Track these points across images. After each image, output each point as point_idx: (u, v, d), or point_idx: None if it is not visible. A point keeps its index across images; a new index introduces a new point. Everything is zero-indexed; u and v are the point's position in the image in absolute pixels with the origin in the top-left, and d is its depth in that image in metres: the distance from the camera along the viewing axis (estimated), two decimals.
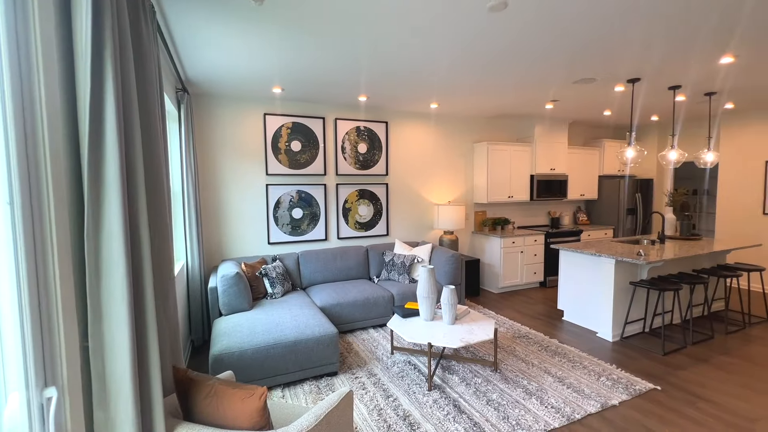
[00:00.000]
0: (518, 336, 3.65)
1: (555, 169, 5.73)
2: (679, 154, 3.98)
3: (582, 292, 3.92)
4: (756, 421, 2.33)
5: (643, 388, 2.69)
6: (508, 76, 3.45)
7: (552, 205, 6.26)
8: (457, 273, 4.23)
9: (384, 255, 4.47)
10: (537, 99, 4.38)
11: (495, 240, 5.14)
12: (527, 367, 3.01)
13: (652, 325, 3.84)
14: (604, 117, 5.59)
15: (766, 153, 5.09)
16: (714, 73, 3.44)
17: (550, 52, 2.85)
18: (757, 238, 5.19)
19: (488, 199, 5.30)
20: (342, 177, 4.66)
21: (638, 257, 3.37)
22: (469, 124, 5.49)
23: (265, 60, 2.93)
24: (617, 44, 2.72)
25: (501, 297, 5.02)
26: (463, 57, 2.93)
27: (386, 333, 3.74)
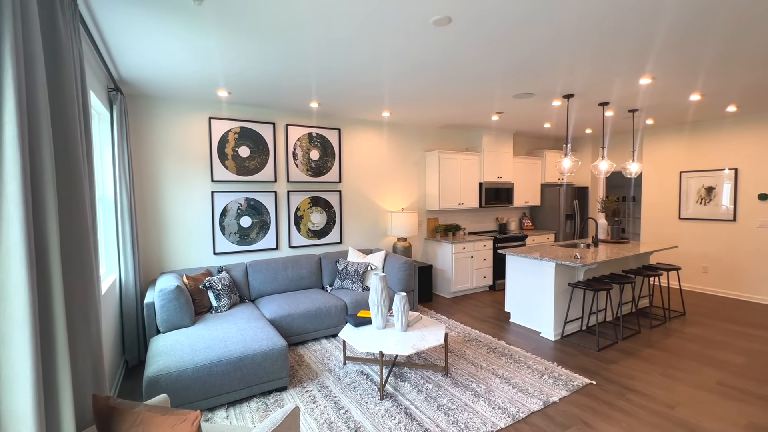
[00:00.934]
0: (468, 339, 3.75)
1: (502, 178, 6.01)
2: (608, 165, 4.35)
3: (526, 294, 4.13)
4: (674, 407, 2.57)
5: (581, 383, 2.87)
6: (455, 88, 3.58)
7: (500, 212, 6.56)
8: (410, 279, 4.28)
9: (337, 263, 4.42)
10: (483, 111, 4.59)
11: (447, 246, 5.28)
12: (476, 369, 3.10)
13: (589, 323, 4.13)
14: (545, 129, 5.98)
15: (680, 165, 5.71)
16: (635, 92, 3.81)
17: (492, 67, 3.00)
18: (675, 240, 5.79)
19: (440, 206, 5.44)
20: (294, 184, 4.56)
21: (575, 260, 3.62)
22: (421, 133, 5.62)
23: (208, 62, 2.80)
24: (550, 64, 2.92)
25: (453, 301, 5.14)
26: (412, 69, 3.00)
27: (339, 343, 3.67)
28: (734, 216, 5.16)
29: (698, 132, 5.49)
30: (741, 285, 5.14)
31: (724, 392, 2.76)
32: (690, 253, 5.64)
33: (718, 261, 5.34)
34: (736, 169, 5.15)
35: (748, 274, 5.08)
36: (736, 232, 5.16)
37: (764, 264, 4.93)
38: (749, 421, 2.41)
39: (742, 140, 5.09)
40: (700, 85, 3.57)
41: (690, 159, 5.60)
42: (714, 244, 5.38)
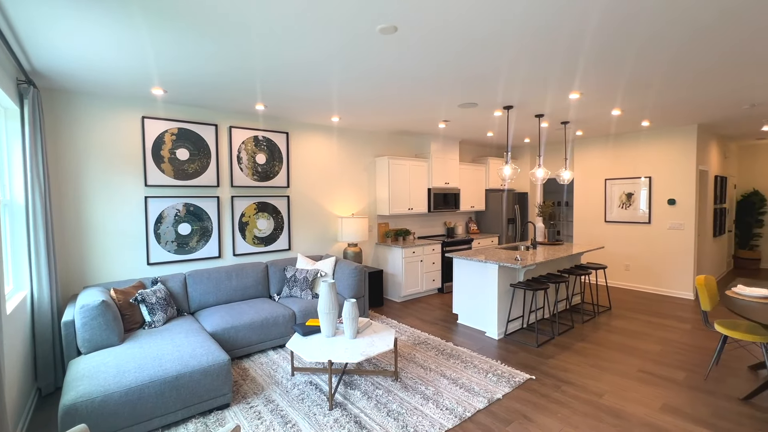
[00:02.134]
0: (418, 342, 3.80)
1: (449, 183, 6.22)
2: (544, 172, 4.67)
3: (472, 295, 4.29)
4: (602, 396, 2.80)
5: (522, 379, 3.03)
6: (403, 96, 3.65)
7: (447, 216, 6.78)
8: (360, 285, 4.26)
9: (286, 271, 4.28)
10: (431, 118, 4.72)
11: (397, 250, 5.34)
12: (425, 372, 3.15)
13: (529, 321, 4.38)
14: (488, 137, 6.30)
15: (605, 172, 6.30)
16: (566, 106, 4.14)
17: (438, 77, 3.10)
18: (602, 241, 6.36)
19: (390, 211, 5.49)
20: (238, 189, 4.35)
21: (516, 262, 3.83)
22: (372, 139, 5.65)
23: (139, 56, 2.59)
24: (491, 77, 3.08)
25: (403, 305, 5.20)
26: (360, 75, 3.01)
27: (287, 354, 3.55)
28: (649, 219, 5.79)
29: (620, 143, 6.10)
30: (657, 281, 5.76)
31: (644, 378, 3.06)
32: (614, 252, 6.21)
33: (638, 259, 5.94)
34: (650, 177, 5.78)
35: (662, 271, 5.70)
36: (651, 233, 5.78)
37: (674, 262, 5.57)
38: (663, 403, 2.69)
39: (654, 151, 5.73)
40: (619, 101, 3.97)
41: (613, 167, 6.19)
42: (634, 244, 5.98)
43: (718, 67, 2.96)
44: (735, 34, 2.35)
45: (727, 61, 2.81)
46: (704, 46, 2.53)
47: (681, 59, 2.76)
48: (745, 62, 2.84)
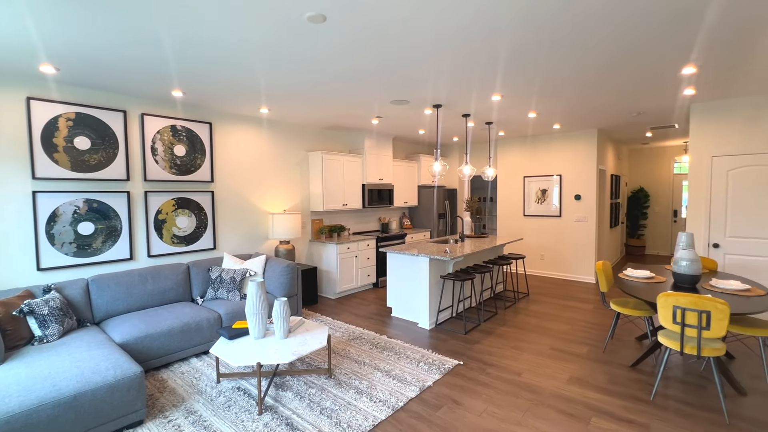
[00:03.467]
0: (353, 338, 3.80)
1: (383, 179, 6.30)
2: (471, 169, 4.95)
3: (405, 288, 4.40)
4: (521, 374, 3.06)
5: (451, 365, 3.18)
6: (335, 89, 3.59)
7: (382, 212, 6.87)
8: (293, 283, 4.13)
9: (210, 271, 3.99)
10: (364, 114, 4.72)
11: (331, 247, 5.27)
12: (359, 367, 3.16)
13: (458, 310, 4.62)
14: (420, 135, 6.49)
15: (523, 170, 6.87)
16: (490, 107, 4.42)
17: (369, 71, 3.10)
18: (521, 233, 6.94)
19: (324, 207, 5.40)
20: (153, 183, 3.94)
21: (445, 255, 4.01)
22: (304, 133, 5.49)
23: (14, 23, 2.20)
24: (420, 75, 3.17)
25: (338, 302, 5.16)
26: (289, 64, 2.89)
27: (212, 360, 3.31)
28: (560, 213, 6.45)
29: (536, 143, 6.69)
30: (566, 267, 6.45)
31: (555, 355, 3.41)
32: (532, 243, 6.82)
33: (551, 249, 6.59)
34: (560, 175, 6.43)
35: (570, 259, 6.40)
36: (562, 226, 6.45)
37: (580, 250, 6.28)
38: (570, 375, 3.02)
39: (564, 151, 6.39)
40: (534, 105, 4.35)
41: (530, 166, 6.78)
42: (547, 236, 6.62)
43: (611, 80, 3.37)
44: (622, 54, 2.70)
45: (617, 74, 3.21)
46: (599, 61, 2.87)
47: (581, 71, 3.10)
48: (630, 76, 3.28)
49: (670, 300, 2.55)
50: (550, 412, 2.53)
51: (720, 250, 4.30)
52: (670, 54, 2.78)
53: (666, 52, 2.73)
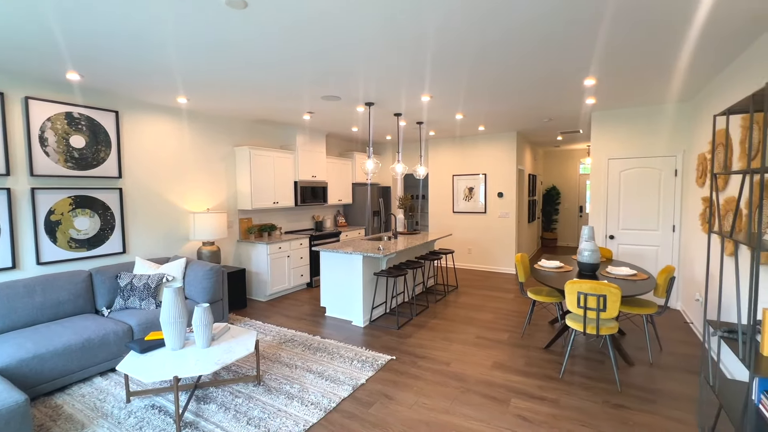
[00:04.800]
0: (284, 341, 3.67)
1: (316, 177, 6.17)
2: (403, 168, 5.05)
3: (339, 287, 4.36)
4: (450, 364, 3.21)
5: (384, 361, 3.23)
6: (260, 81, 3.41)
7: (316, 210, 6.73)
8: (217, 287, 3.86)
9: (119, 278, 3.56)
10: (295, 109, 4.57)
11: (262, 247, 5.03)
12: (291, 370, 3.06)
13: (391, 306, 4.70)
14: (354, 132, 6.47)
15: (452, 169, 7.20)
16: (420, 107, 4.55)
17: (296, 64, 2.99)
18: (451, 230, 7.28)
19: (253, 205, 5.13)
20: (43, 179, 3.40)
21: (379, 252, 4.04)
22: (230, 127, 5.15)
23: None
24: (349, 72, 3.14)
25: (269, 304, 4.95)
26: (208, 51, 2.68)
27: (121, 378, 2.96)
28: (485, 209, 6.89)
29: (463, 143, 7.06)
30: (491, 260, 6.92)
31: (480, 343, 3.63)
32: (460, 238, 7.20)
33: (477, 244, 7.02)
34: (485, 173, 6.87)
35: (494, 252, 6.87)
36: (487, 221, 6.90)
37: (503, 244, 6.77)
38: (494, 361, 3.25)
39: (488, 152, 6.83)
40: (461, 107, 4.57)
41: (459, 165, 7.14)
42: (474, 231, 7.04)
43: (526, 88, 3.67)
44: (535, 65, 2.95)
45: (531, 83, 3.50)
46: (515, 71, 3.10)
47: (501, 79, 3.32)
48: (542, 85, 3.60)
49: (575, 287, 2.86)
50: (475, 398, 2.68)
51: (615, 240, 4.93)
52: (574, 67, 3.09)
53: (571, 66, 3.03)
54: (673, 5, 2.08)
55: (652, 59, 2.95)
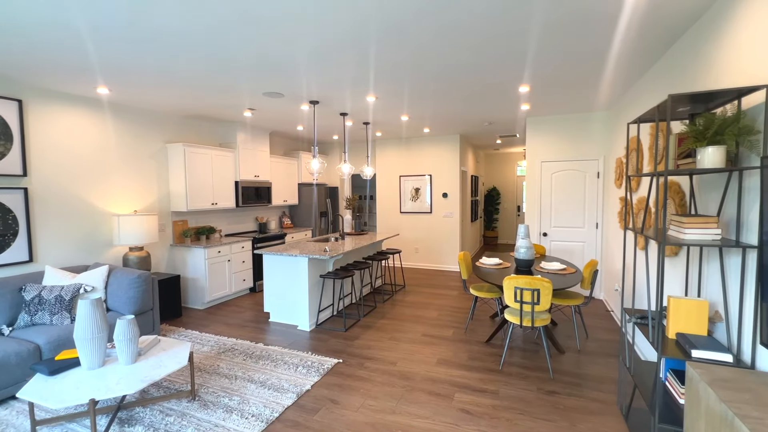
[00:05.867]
0: (224, 351, 3.46)
1: (259, 176, 5.91)
2: (350, 168, 5.01)
3: (284, 291, 4.21)
4: (396, 363, 3.23)
5: (330, 365, 3.16)
6: (191, 73, 3.18)
7: (259, 211, 6.45)
8: (146, 297, 3.53)
9: (24, 291, 3.12)
10: (235, 104, 4.33)
11: (199, 251, 4.70)
12: (230, 382, 2.88)
13: (339, 308, 4.64)
14: (299, 131, 6.30)
15: (399, 170, 7.30)
16: (366, 107, 4.54)
17: (230, 55, 2.83)
18: (398, 229, 7.38)
19: (189, 206, 4.78)
20: None
21: (325, 253, 3.96)
22: (162, 121, 4.75)
23: None
24: (290, 67, 3.04)
25: (208, 312, 4.64)
26: (125, 35, 2.43)
27: (25, 405, 2.59)
28: (431, 209, 7.07)
29: (410, 145, 7.18)
30: (437, 259, 7.11)
31: (426, 341, 3.70)
32: (408, 238, 7.32)
33: (424, 243, 7.18)
34: (431, 174, 7.05)
35: (440, 251, 7.07)
36: (433, 221, 7.08)
37: (447, 242, 6.99)
38: (439, 358, 3.32)
39: (433, 153, 7.01)
40: (406, 109, 4.64)
41: (405, 166, 7.25)
42: (421, 231, 7.19)
43: (467, 93, 3.81)
44: (474, 72, 3.07)
45: (470, 88, 3.65)
46: (455, 76, 3.21)
47: (442, 83, 3.42)
48: (481, 91, 3.77)
49: (512, 282, 3.01)
50: (421, 396, 2.72)
51: (548, 237, 5.30)
52: (510, 75, 3.27)
53: (507, 73, 3.20)
54: (592, 27, 2.27)
55: (577, 71, 3.20)
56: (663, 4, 2.08)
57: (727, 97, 1.76)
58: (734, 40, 1.87)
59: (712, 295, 2.01)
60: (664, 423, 1.77)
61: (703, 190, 2.16)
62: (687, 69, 2.42)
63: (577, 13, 2.18)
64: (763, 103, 1.63)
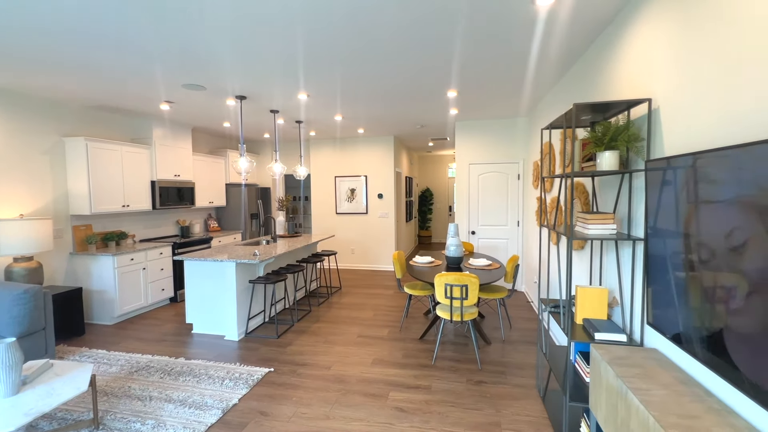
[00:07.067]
0: (137, 370, 3.10)
1: (180, 176, 5.43)
2: (282, 168, 4.82)
3: (209, 299, 3.90)
4: (330, 367, 3.17)
5: (260, 375, 2.99)
6: (89, 56, 2.81)
7: (181, 214, 5.92)
8: (36, 315, 3.03)
9: None
10: (149, 96, 3.91)
11: (106, 259, 4.17)
12: (143, 404, 2.59)
13: (271, 314, 4.43)
14: (226, 128, 5.91)
15: (335, 170, 7.21)
16: (298, 105, 4.40)
17: (147, 42, 2.55)
18: (334, 231, 7.28)
19: (93, 209, 4.21)
20: None
21: (254, 257, 3.75)
22: (58, 112, 4.12)
23: None
24: (212, 60, 2.83)
25: (118, 328, 4.14)
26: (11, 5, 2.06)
27: None
28: (366, 210, 7.09)
29: (345, 145, 7.13)
30: (373, 259, 7.15)
31: (361, 342, 3.69)
32: (343, 239, 7.26)
33: (360, 243, 7.18)
34: (366, 175, 7.07)
35: (376, 251, 7.12)
36: (368, 222, 7.11)
37: (383, 243, 7.07)
38: (374, 358, 3.33)
39: (369, 154, 7.04)
40: (339, 109, 4.59)
41: (341, 166, 7.18)
42: (357, 231, 7.18)
43: (399, 95, 3.88)
44: (405, 75, 3.14)
45: (402, 91, 3.72)
46: (387, 77, 3.24)
47: (374, 83, 3.44)
48: (412, 94, 3.86)
49: (442, 279, 3.12)
50: (356, 398, 2.69)
51: (476, 235, 5.61)
52: (438, 79, 3.39)
53: (436, 77, 3.32)
54: (510, 36, 2.44)
55: (499, 79, 3.42)
56: (571, 17, 2.30)
57: (619, 108, 1.99)
58: (627, 56, 2.13)
59: (611, 283, 2.27)
60: (574, 401, 1.95)
61: (603, 190, 2.43)
62: (592, 80, 2.70)
63: (495, 25, 2.32)
64: (646, 114, 1.87)
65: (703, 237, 1.32)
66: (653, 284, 1.69)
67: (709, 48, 1.39)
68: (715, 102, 1.36)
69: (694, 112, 1.49)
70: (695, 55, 1.48)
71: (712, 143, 1.37)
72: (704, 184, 1.32)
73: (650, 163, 1.71)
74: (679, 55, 1.60)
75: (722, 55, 1.32)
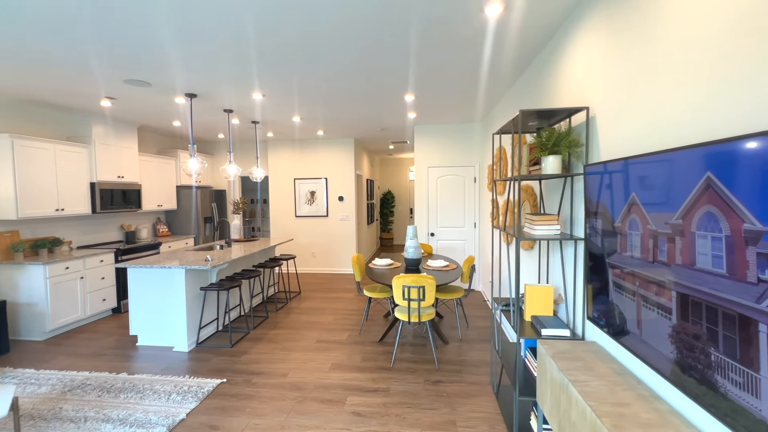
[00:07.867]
0: (71, 389, 2.83)
1: (124, 177, 5.07)
2: (237, 169, 4.64)
3: (156, 309, 3.66)
4: (287, 374, 3.08)
5: (212, 387, 2.85)
6: (23, 43, 2.56)
7: (126, 218, 5.53)
8: None
9: None
10: (86, 91, 3.63)
11: (36, 269, 3.79)
12: (77, 426, 2.37)
13: (224, 322, 4.24)
14: (176, 127, 5.61)
15: (294, 173, 7.06)
16: (253, 105, 4.26)
17: (81, 31, 2.36)
18: (293, 234, 7.12)
19: (20, 213, 3.82)
20: None
21: (206, 263, 3.57)
22: None
23: None
24: (157, 55, 2.68)
25: (51, 344, 3.77)
26: None
27: None
28: (327, 212, 7.01)
29: (304, 147, 7.01)
30: (334, 262, 7.07)
31: (320, 347, 3.62)
32: (303, 243, 7.12)
33: (321, 247, 7.07)
34: (326, 178, 6.99)
35: (336, 254, 7.05)
36: (329, 225, 7.03)
37: (344, 246, 7.01)
38: (332, 363, 3.27)
39: (329, 156, 6.97)
40: (297, 110, 4.50)
41: (300, 168, 7.05)
42: (317, 235, 7.07)
43: (358, 97, 3.88)
44: (364, 77, 3.13)
45: (360, 93, 3.72)
46: (345, 78, 3.23)
47: (332, 84, 3.41)
48: (371, 97, 3.87)
49: (400, 281, 3.14)
50: (313, 405, 2.63)
51: (435, 237, 5.72)
52: (396, 82, 3.42)
53: (393, 80, 3.34)
54: (465, 46, 2.51)
55: (454, 84, 3.52)
56: (519, 27, 2.41)
57: (561, 115, 2.11)
58: (568, 66, 2.27)
59: (557, 280, 2.39)
60: (524, 396, 2.03)
61: (549, 193, 2.56)
62: (540, 88, 2.84)
63: (446, 28, 2.37)
64: (584, 121, 2.00)
65: (631, 236, 1.43)
66: (592, 281, 1.80)
67: (634, 61, 1.51)
68: (641, 110, 1.48)
69: (624, 119, 1.60)
70: (622, 67, 1.60)
71: (640, 149, 1.49)
72: (633, 187, 1.43)
73: (588, 167, 1.82)
74: (609, 67, 1.72)
75: (646, 68, 1.44)
